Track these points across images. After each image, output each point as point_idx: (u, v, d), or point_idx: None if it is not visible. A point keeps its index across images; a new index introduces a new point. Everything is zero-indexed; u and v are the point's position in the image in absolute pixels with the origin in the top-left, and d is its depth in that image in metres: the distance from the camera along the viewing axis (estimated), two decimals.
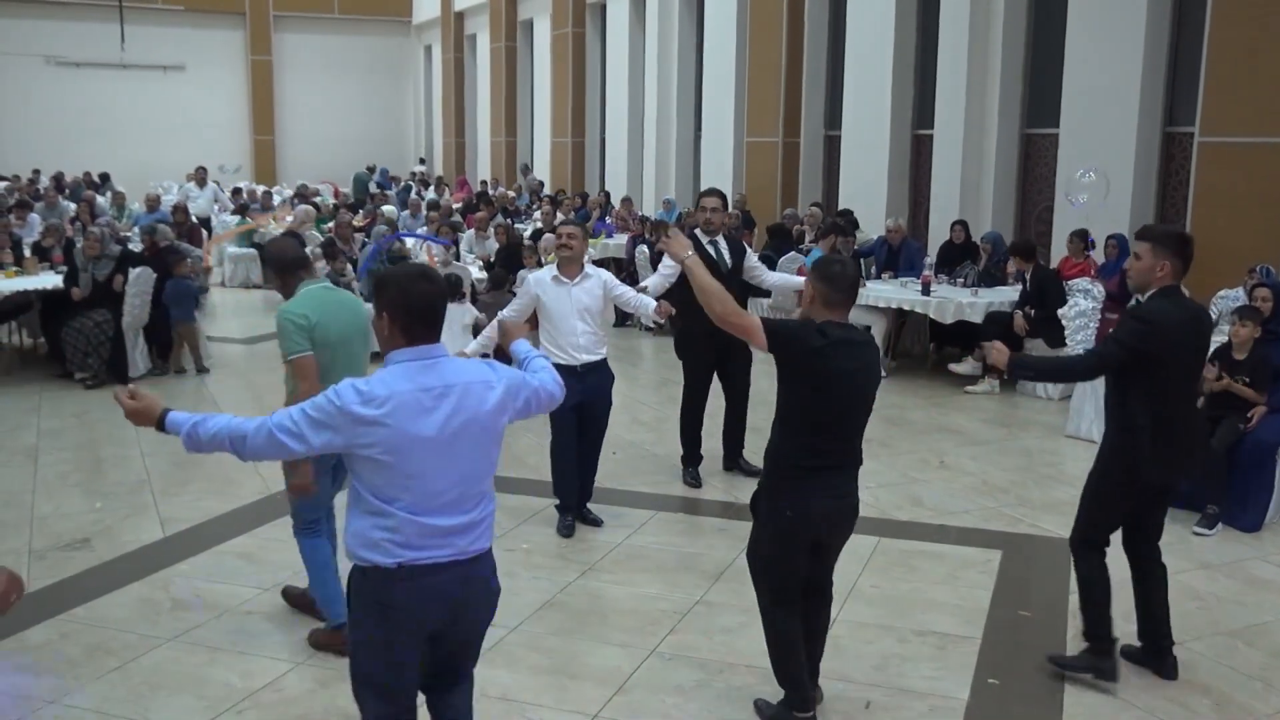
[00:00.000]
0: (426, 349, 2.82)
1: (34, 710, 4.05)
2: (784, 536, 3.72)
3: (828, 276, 3.66)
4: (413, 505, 2.77)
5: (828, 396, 3.60)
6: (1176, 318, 4.04)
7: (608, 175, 21.42)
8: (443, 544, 2.82)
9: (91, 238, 9.51)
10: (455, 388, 2.81)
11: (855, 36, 14.37)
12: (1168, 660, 4.37)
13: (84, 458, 7.34)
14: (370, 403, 2.71)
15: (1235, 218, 9.45)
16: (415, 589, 2.79)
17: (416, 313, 2.80)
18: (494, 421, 2.89)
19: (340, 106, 29.48)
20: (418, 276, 2.86)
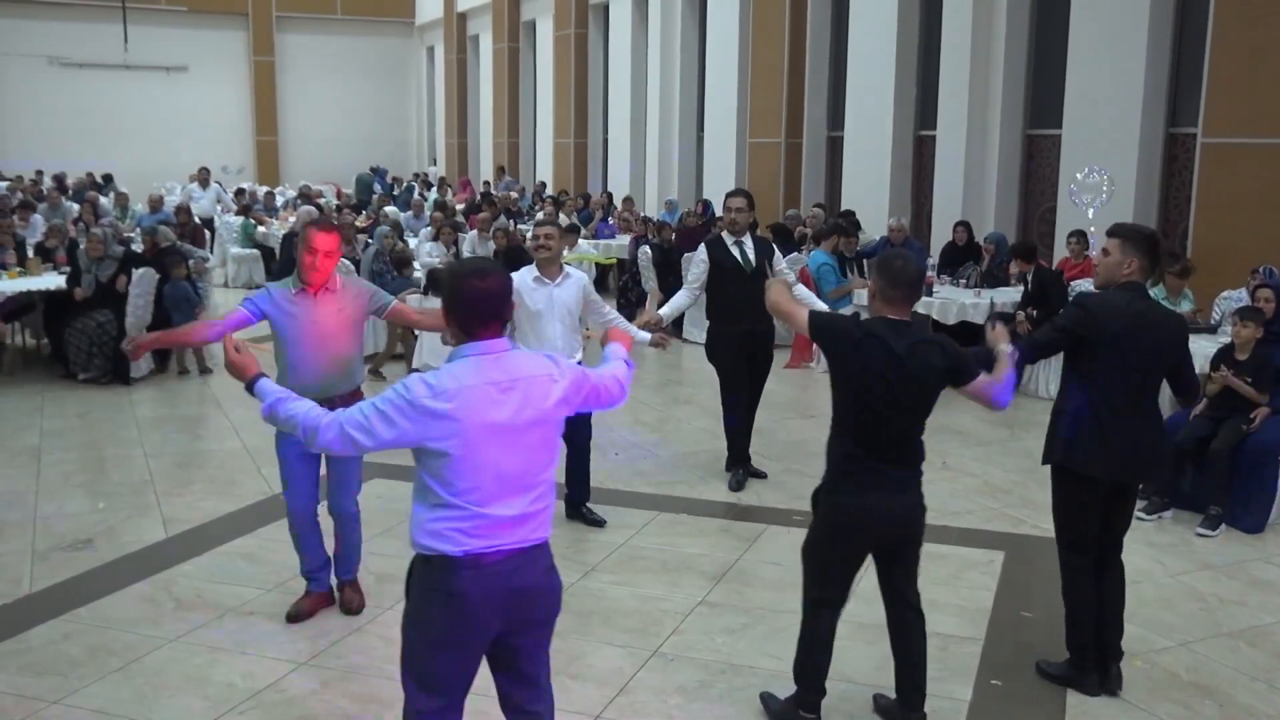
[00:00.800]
0: (491, 343, 2.86)
1: (36, 711, 4.06)
2: (840, 532, 3.73)
3: (889, 271, 3.63)
4: (480, 496, 2.81)
5: (866, 394, 3.60)
6: (1121, 310, 4.01)
7: (610, 176, 21.43)
8: (507, 534, 2.85)
9: (94, 238, 9.52)
10: (521, 381, 2.85)
11: (857, 37, 14.37)
12: (1113, 670, 4.26)
13: (87, 458, 7.35)
14: (439, 396, 2.76)
15: (1238, 219, 9.45)
16: (480, 577, 2.82)
17: (470, 309, 2.84)
18: (556, 414, 2.93)
19: (343, 107, 29.49)
20: (470, 273, 2.88)
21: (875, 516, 3.68)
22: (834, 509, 3.72)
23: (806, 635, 3.87)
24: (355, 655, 4.50)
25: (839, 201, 14.63)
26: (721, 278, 6.61)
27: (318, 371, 4.56)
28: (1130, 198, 10.59)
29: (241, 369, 3.09)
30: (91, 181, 21.50)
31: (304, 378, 4.49)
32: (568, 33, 22.08)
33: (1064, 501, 4.22)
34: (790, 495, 6.62)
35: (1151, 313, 4.13)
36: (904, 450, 3.71)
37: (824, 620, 3.83)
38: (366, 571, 5.36)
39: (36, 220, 13.94)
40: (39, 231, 12.64)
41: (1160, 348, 4.11)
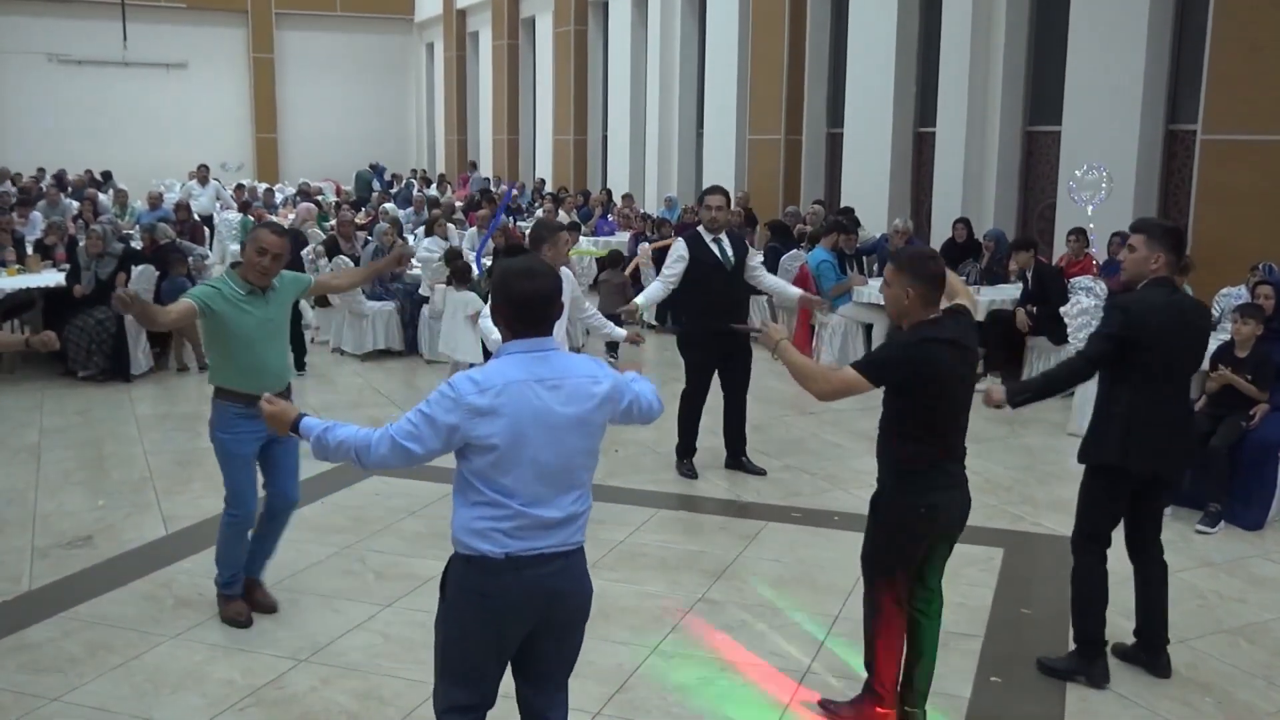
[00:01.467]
0: (537, 341, 2.88)
1: (36, 708, 4.06)
2: (916, 533, 3.69)
3: (927, 276, 3.55)
4: (524, 495, 2.81)
5: (945, 398, 3.57)
6: (1158, 306, 4.06)
7: (610, 173, 21.42)
8: (547, 535, 2.85)
9: (94, 236, 9.52)
10: (567, 380, 2.86)
11: (857, 34, 14.36)
12: (1162, 659, 4.36)
13: (86, 455, 7.35)
14: (486, 391, 2.77)
15: (1238, 215, 9.44)
16: (520, 580, 2.82)
17: (518, 308, 2.86)
18: (598, 416, 2.93)
19: (342, 104, 29.48)
20: (520, 273, 2.89)
21: (955, 509, 3.70)
22: (913, 509, 3.64)
23: (884, 640, 3.81)
24: (354, 652, 4.50)
25: (839, 198, 14.63)
26: (699, 274, 6.67)
27: (272, 369, 4.63)
28: (1130, 194, 10.59)
29: (284, 415, 3.06)
30: (91, 179, 21.50)
31: (262, 376, 4.54)
32: (567, 29, 22.07)
33: (1095, 495, 4.24)
34: (789, 492, 6.63)
35: (1186, 306, 4.19)
36: (963, 440, 3.71)
37: (899, 621, 3.79)
38: (366, 569, 5.37)
39: (36, 218, 13.93)
40: (38, 229, 12.63)
41: (1195, 341, 4.22)
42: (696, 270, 6.66)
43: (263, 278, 4.59)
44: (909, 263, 3.58)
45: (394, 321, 10.72)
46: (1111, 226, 10.17)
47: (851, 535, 5.91)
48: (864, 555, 3.85)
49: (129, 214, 16.35)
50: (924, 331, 3.55)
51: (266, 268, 4.56)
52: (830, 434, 7.89)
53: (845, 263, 10.63)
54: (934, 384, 3.53)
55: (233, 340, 4.55)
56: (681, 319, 6.95)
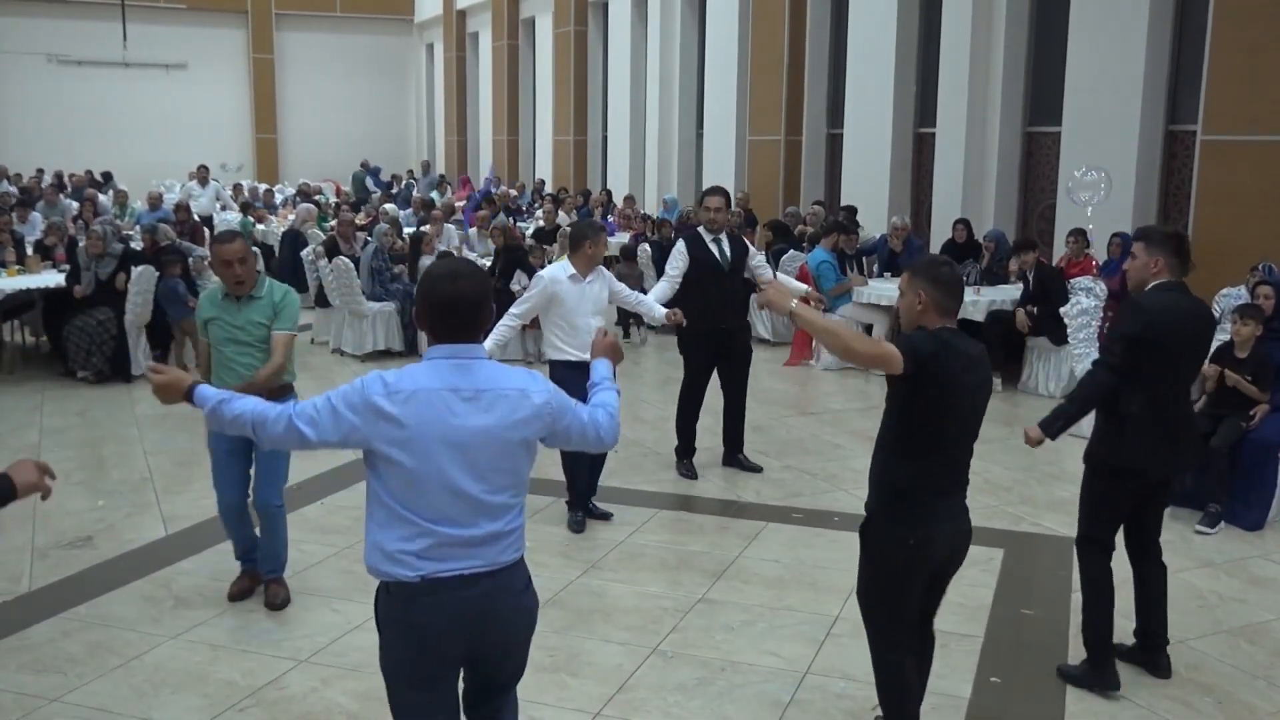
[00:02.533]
0: (464, 348, 2.70)
1: (36, 708, 4.06)
2: (906, 568, 3.43)
3: (941, 282, 3.37)
4: (434, 513, 2.62)
5: (950, 412, 3.34)
6: (1171, 306, 4.07)
7: (610, 173, 21.42)
8: (468, 554, 2.65)
9: (94, 236, 9.52)
10: (487, 393, 2.66)
11: (857, 34, 14.37)
12: (1162, 659, 4.36)
13: (86, 456, 7.35)
14: (394, 396, 2.60)
15: (1237, 215, 9.45)
16: (440, 604, 2.62)
17: (440, 310, 2.69)
18: (521, 431, 2.71)
19: (342, 105, 29.47)
20: (445, 275, 2.72)
21: (944, 543, 3.44)
22: (900, 541, 3.39)
23: (886, 679, 3.58)
24: (355, 653, 4.50)
25: (839, 199, 14.63)
26: (698, 274, 6.73)
27: (236, 373, 4.73)
28: (1130, 195, 10.59)
29: (175, 384, 2.83)
30: (90, 179, 21.50)
31: (225, 378, 4.67)
32: (567, 30, 22.07)
33: (1103, 497, 4.22)
34: (789, 492, 6.63)
35: (1193, 307, 4.19)
36: (964, 473, 3.49)
37: (899, 660, 3.54)
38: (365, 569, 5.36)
39: (36, 218, 13.93)
40: (38, 229, 12.63)
41: (1201, 343, 4.23)
42: (695, 270, 6.72)
43: (238, 286, 4.72)
44: (921, 268, 3.44)
45: (394, 322, 10.73)
46: (1111, 227, 10.18)
47: (851, 535, 5.89)
48: (858, 590, 3.63)
49: (129, 214, 16.35)
50: (948, 339, 3.33)
51: (237, 274, 4.69)
52: (830, 434, 7.89)
53: (845, 263, 10.63)
54: (943, 391, 3.29)
55: (212, 342, 4.84)
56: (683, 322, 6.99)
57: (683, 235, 7.09)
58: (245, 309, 4.76)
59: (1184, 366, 4.20)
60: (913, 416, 3.37)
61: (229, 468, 4.90)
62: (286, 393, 4.84)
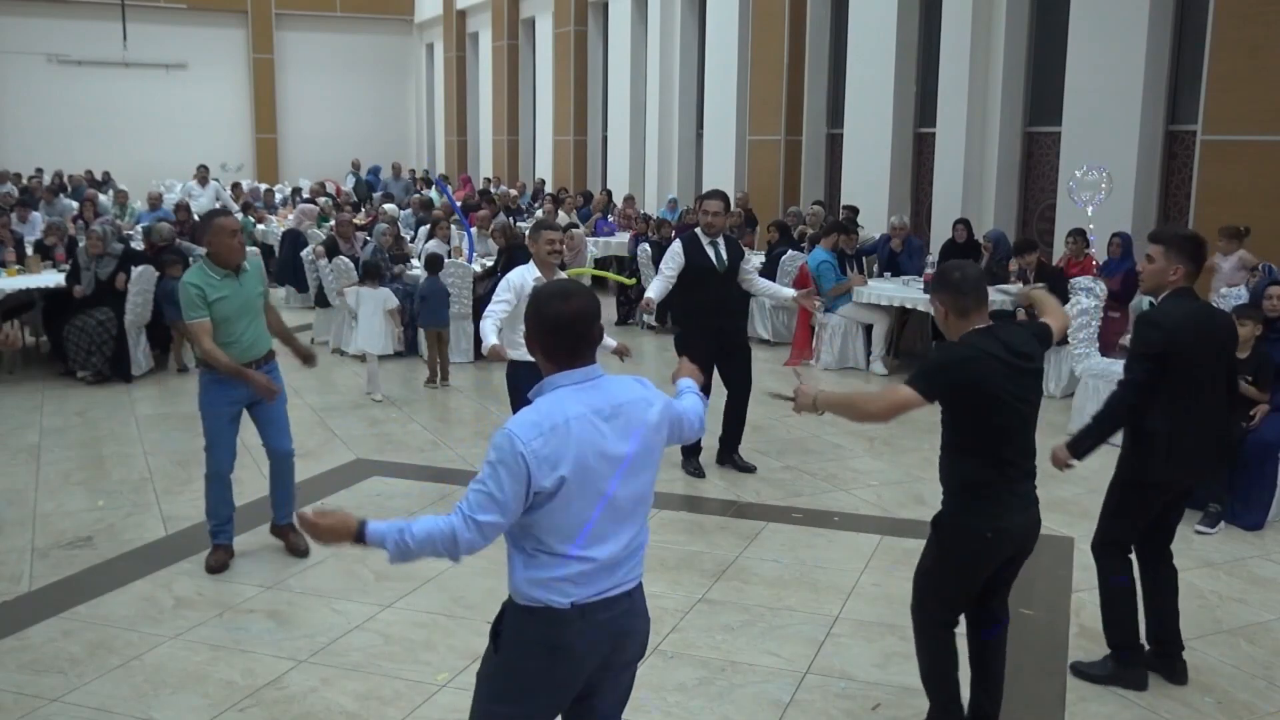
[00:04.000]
0: (585, 370, 2.63)
1: (36, 708, 4.06)
2: (979, 560, 3.52)
3: (951, 285, 3.43)
4: (588, 537, 2.59)
5: (998, 411, 3.38)
6: (1187, 316, 4.02)
7: (610, 173, 21.42)
8: (610, 575, 2.63)
9: (94, 236, 9.52)
10: (624, 408, 2.64)
11: (857, 34, 14.37)
12: (1177, 665, 4.33)
13: (86, 456, 7.35)
14: (547, 435, 2.50)
15: (1237, 216, 9.44)
16: (587, 628, 2.60)
17: (557, 334, 2.60)
18: (656, 440, 2.73)
19: (342, 105, 29.46)
20: (554, 295, 2.63)
21: (1019, 533, 3.50)
22: (979, 533, 3.46)
23: (932, 659, 3.69)
24: (355, 653, 4.50)
25: (839, 199, 14.63)
26: (694, 276, 6.76)
27: (244, 341, 5.17)
28: (1130, 195, 10.59)
29: (343, 528, 2.58)
30: (90, 179, 21.49)
31: (234, 348, 5.13)
32: (567, 30, 22.06)
33: (1127, 507, 4.18)
34: (789, 492, 6.63)
35: (1209, 315, 4.15)
36: (1032, 460, 3.53)
37: (948, 643, 3.68)
38: (366, 569, 5.37)
39: (36, 218, 13.93)
40: (38, 229, 12.63)
41: (1221, 348, 4.17)
42: (692, 272, 6.75)
43: (238, 254, 5.12)
44: (935, 279, 3.54)
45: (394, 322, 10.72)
46: (1111, 227, 10.18)
47: (852, 535, 5.94)
48: (918, 571, 3.70)
49: (129, 214, 16.35)
50: (967, 345, 3.39)
51: (241, 243, 5.16)
52: (830, 434, 7.89)
53: (845, 263, 10.63)
54: (983, 398, 3.36)
55: (216, 319, 5.09)
56: (678, 320, 7.04)
57: (680, 237, 7.11)
58: (246, 281, 5.18)
59: (1211, 376, 4.10)
60: (959, 420, 3.47)
61: (230, 433, 5.25)
62: (271, 358, 5.35)
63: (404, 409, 8.71)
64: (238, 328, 5.12)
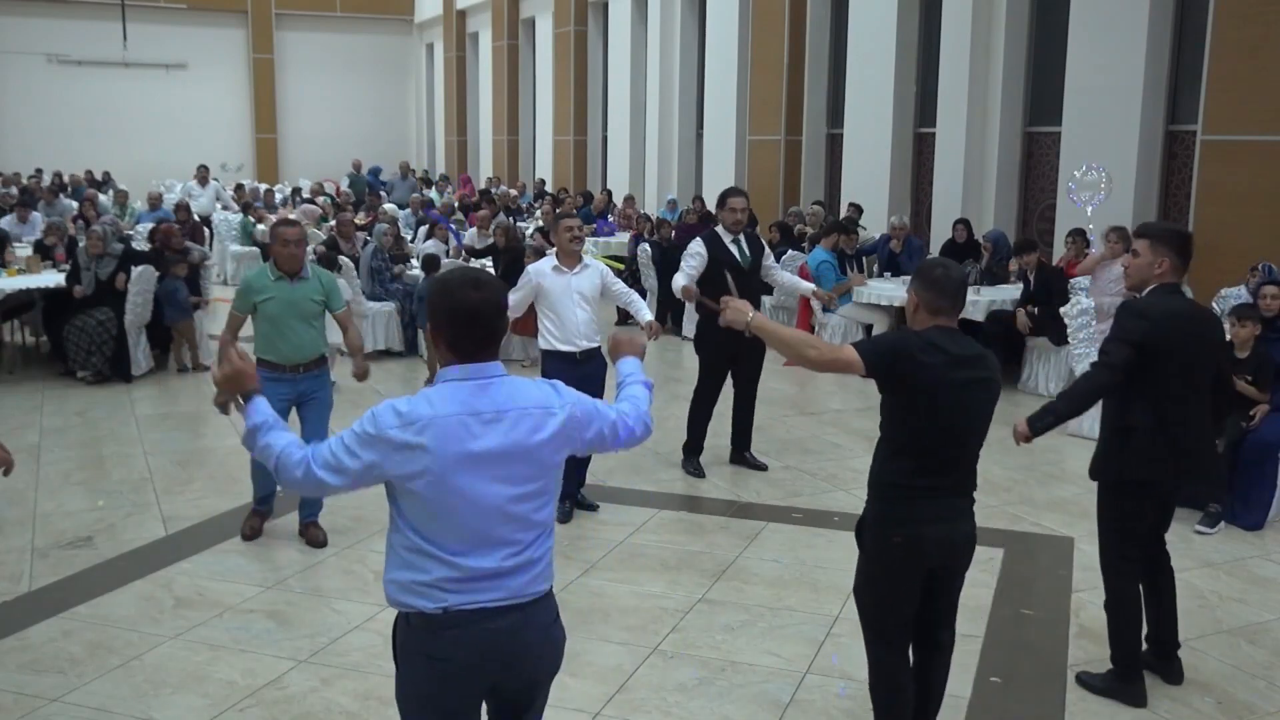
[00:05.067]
0: (480, 367, 2.52)
1: (36, 708, 4.06)
2: (893, 568, 3.39)
3: (931, 281, 3.35)
4: (458, 543, 2.48)
5: (933, 409, 3.26)
6: (1173, 310, 3.98)
7: (610, 173, 21.42)
8: (493, 586, 2.50)
9: (94, 236, 9.52)
10: (509, 413, 2.50)
11: (857, 34, 14.37)
12: (1174, 664, 4.32)
13: (86, 456, 7.35)
14: (409, 426, 2.43)
15: (1237, 215, 9.45)
16: (463, 637, 2.48)
17: (462, 323, 2.50)
18: (549, 454, 2.56)
19: (342, 105, 29.47)
20: (465, 283, 2.52)
21: (931, 544, 3.35)
22: (886, 540, 3.37)
23: (876, 680, 3.54)
24: (355, 653, 4.50)
25: (839, 199, 14.63)
26: (718, 273, 6.67)
27: (291, 342, 5.56)
28: (1130, 195, 10.59)
29: (244, 379, 2.67)
30: (90, 179, 21.48)
31: (281, 348, 5.55)
32: (567, 30, 22.07)
33: (1123, 514, 4.12)
34: (789, 492, 6.63)
35: (1194, 312, 4.11)
36: (962, 474, 3.42)
37: (891, 661, 3.51)
38: (366, 569, 5.37)
39: (36, 218, 13.93)
40: (38, 229, 12.63)
41: (1206, 347, 4.10)
42: (714, 270, 6.68)
43: (291, 262, 5.55)
44: (918, 269, 3.46)
45: (394, 322, 10.73)
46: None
47: (851, 535, 5.91)
48: (854, 588, 3.58)
49: (129, 214, 16.34)
50: (924, 338, 3.30)
51: (293, 254, 5.55)
52: (830, 434, 7.89)
53: (845, 263, 10.64)
54: (921, 394, 3.25)
55: (262, 318, 5.54)
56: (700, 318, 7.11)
57: (700, 235, 7.11)
58: (300, 287, 5.58)
59: (1192, 374, 4.03)
60: (893, 414, 3.38)
61: None
62: (322, 364, 5.73)
63: None
64: (283, 328, 5.52)
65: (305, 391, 5.65)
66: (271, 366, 5.49)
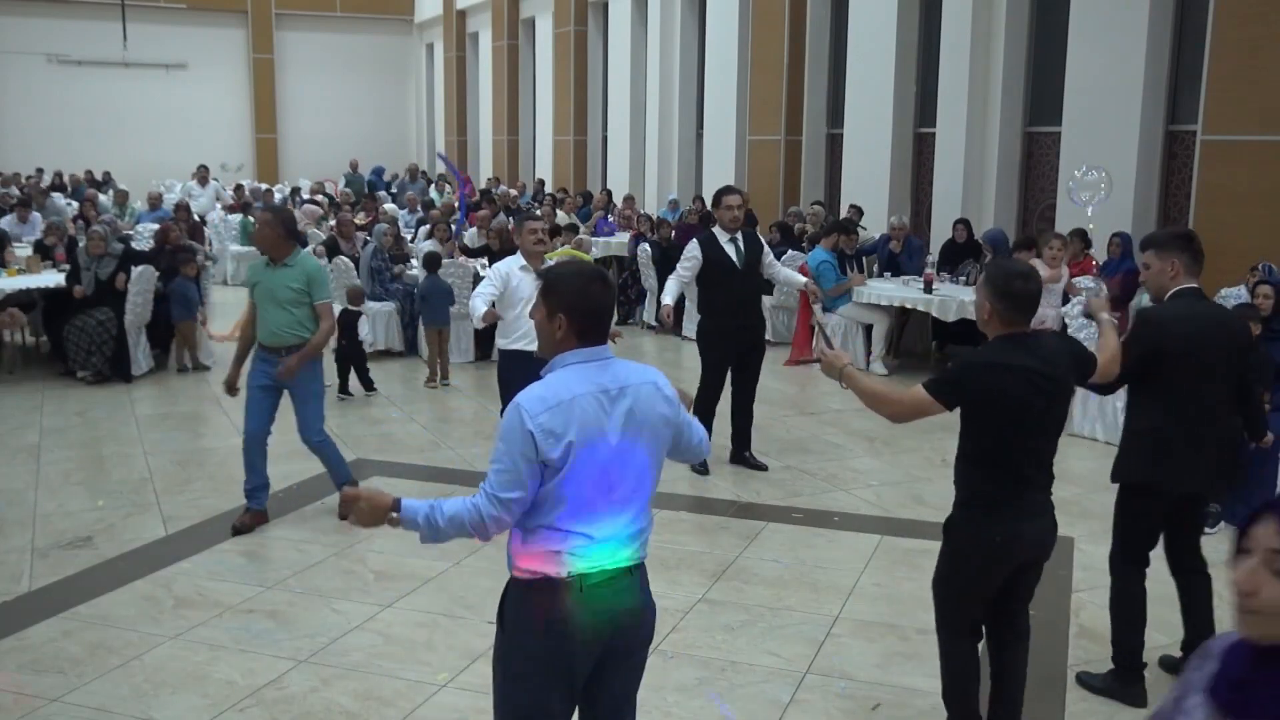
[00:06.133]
0: (598, 349, 2.74)
1: (36, 708, 4.06)
2: (985, 566, 3.48)
3: (1008, 294, 3.35)
4: (587, 514, 2.63)
5: (1011, 423, 3.34)
6: (1185, 315, 3.95)
7: (610, 173, 21.41)
8: (613, 554, 2.67)
9: (95, 236, 9.52)
10: (630, 388, 2.71)
11: (857, 34, 14.36)
12: None
13: (86, 456, 7.35)
14: (553, 410, 2.59)
15: (1238, 215, 9.44)
16: (586, 601, 2.64)
17: (594, 314, 2.72)
18: (663, 427, 2.77)
19: (342, 105, 29.45)
20: (594, 278, 2.77)
21: (1030, 541, 3.46)
22: (988, 539, 3.42)
23: (952, 672, 3.64)
24: (355, 653, 4.50)
25: (839, 199, 14.63)
26: (714, 274, 6.81)
27: (270, 327, 5.75)
28: (1130, 195, 10.59)
29: (379, 506, 2.66)
30: (90, 179, 21.47)
31: (262, 330, 5.80)
32: (567, 30, 22.06)
33: (1136, 517, 4.13)
34: (789, 492, 6.63)
35: (1213, 314, 4.08)
36: (1048, 472, 3.50)
37: (967, 654, 3.62)
38: (366, 569, 5.37)
39: (36, 218, 13.94)
40: (38, 229, 12.63)
41: (1229, 349, 4.05)
42: (712, 271, 6.82)
43: (263, 243, 5.77)
44: (994, 276, 3.43)
45: (394, 322, 10.73)
46: (1111, 227, 10.18)
47: (851, 535, 5.93)
48: (934, 580, 3.68)
49: (129, 214, 16.35)
50: (993, 354, 3.37)
51: (264, 235, 5.74)
52: (830, 434, 7.89)
53: (845, 263, 10.63)
54: (999, 409, 3.33)
55: (255, 300, 5.84)
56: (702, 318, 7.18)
57: (696, 236, 7.18)
58: (280, 273, 5.73)
59: (1209, 376, 3.99)
60: (972, 428, 3.44)
61: (258, 402, 5.81)
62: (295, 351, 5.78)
63: (404, 409, 8.71)
64: (263, 311, 5.80)
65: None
66: (261, 346, 5.86)
